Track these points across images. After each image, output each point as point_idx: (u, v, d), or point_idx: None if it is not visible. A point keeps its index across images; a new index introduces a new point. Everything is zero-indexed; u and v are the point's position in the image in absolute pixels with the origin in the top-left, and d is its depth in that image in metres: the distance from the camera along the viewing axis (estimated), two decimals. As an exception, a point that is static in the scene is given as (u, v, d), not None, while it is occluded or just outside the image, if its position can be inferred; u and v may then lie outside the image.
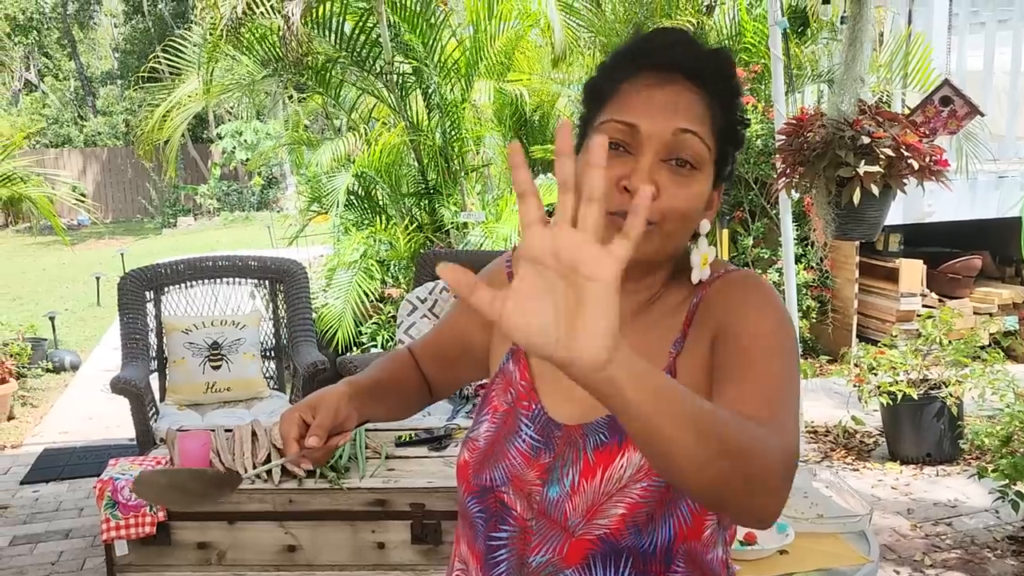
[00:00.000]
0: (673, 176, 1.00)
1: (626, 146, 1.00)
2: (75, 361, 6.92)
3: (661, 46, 1.02)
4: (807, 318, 5.84)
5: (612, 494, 1.02)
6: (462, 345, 1.25)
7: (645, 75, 1.01)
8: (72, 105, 24.69)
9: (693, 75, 1.01)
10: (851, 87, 3.51)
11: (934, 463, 4.22)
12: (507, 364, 1.15)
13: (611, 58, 1.07)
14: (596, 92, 1.06)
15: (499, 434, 1.12)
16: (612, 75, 1.04)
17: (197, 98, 6.31)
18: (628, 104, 1.01)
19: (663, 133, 0.99)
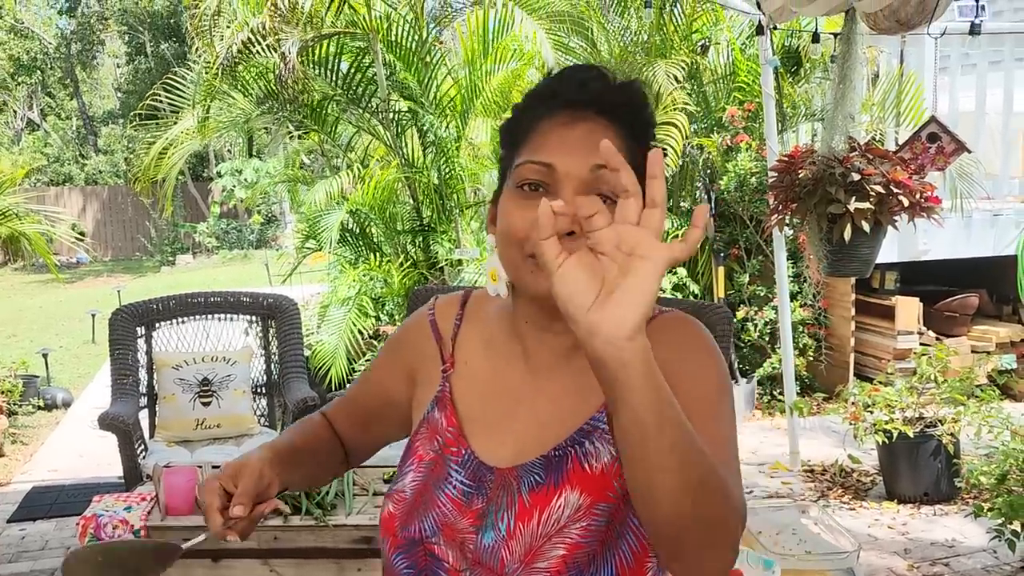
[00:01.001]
0: None
1: (544, 186, 1.00)
2: (67, 398, 6.88)
3: (573, 84, 1.03)
4: (803, 356, 5.81)
5: (551, 536, 0.99)
6: (383, 401, 1.22)
7: (559, 114, 1.01)
8: (74, 144, 24.84)
9: (607, 110, 1.02)
10: (841, 125, 3.53)
11: (931, 502, 4.17)
12: (432, 413, 1.12)
13: (525, 99, 1.07)
14: (511, 134, 1.07)
15: (426, 483, 1.09)
16: (526, 116, 1.04)
17: (194, 136, 6.34)
18: (543, 144, 1.01)
19: (580, 171, 0.99)
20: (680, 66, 6.13)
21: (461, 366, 1.14)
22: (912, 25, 3.15)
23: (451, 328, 1.17)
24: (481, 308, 1.18)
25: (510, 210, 1.01)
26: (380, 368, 1.25)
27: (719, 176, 5.95)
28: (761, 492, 4.44)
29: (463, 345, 1.16)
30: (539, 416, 1.07)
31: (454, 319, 1.18)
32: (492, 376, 1.12)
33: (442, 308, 1.20)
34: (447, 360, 1.15)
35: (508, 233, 1.01)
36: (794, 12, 4.05)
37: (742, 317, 5.84)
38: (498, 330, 1.13)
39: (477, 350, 1.15)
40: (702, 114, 6.37)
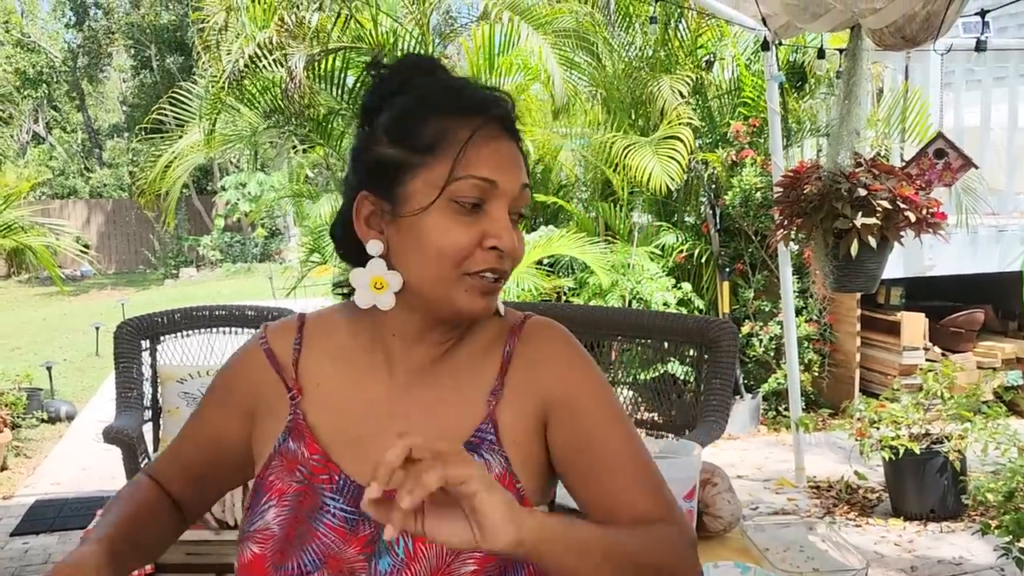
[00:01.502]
0: (515, 229, 1.02)
1: (480, 203, 0.98)
2: (70, 411, 6.87)
3: (489, 98, 1.02)
4: (808, 371, 5.80)
5: (458, 552, 0.97)
6: (217, 448, 1.14)
7: (488, 127, 0.99)
8: (79, 157, 24.93)
9: (512, 129, 1.03)
10: (847, 140, 3.53)
11: (938, 519, 4.14)
12: (285, 444, 1.06)
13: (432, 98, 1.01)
14: (422, 136, 0.99)
15: (296, 516, 1.02)
16: (445, 122, 0.99)
17: (199, 149, 6.36)
18: (481, 159, 0.98)
19: (514, 188, 1.00)
20: (685, 81, 6.15)
21: (311, 390, 1.08)
22: (918, 42, 3.15)
23: (290, 353, 1.10)
24: (321, 328, 1.12)
25: (448, 227, 0.97)
26: (209, 415, 1.15)
27: (724, 191, 5.95)
28: (767, 508, 4.41)
29: (308, 368, 1.09)
30: (415, 430, 1.00)
31: (292, 344, 1.11)
32: (352, 394, 1.07)
33: (275, 335, 1.13)
34: (292, 387, 1.08)
35: (446, 252, 0.97)
36: (799, 28, 4.07)
37: (747, 332, 5.83)
38: (351, 346, 1.09)
39: (327, 370, 1.09)
40: (707, 129, 6.38)
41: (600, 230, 6.62)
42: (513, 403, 1.06)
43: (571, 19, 6.11)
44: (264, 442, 1.09)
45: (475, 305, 0.99)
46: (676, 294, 5.93)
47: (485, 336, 1.10)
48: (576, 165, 7.26)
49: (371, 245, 1.02)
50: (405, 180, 0.99)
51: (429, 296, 1.01)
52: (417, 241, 0.99)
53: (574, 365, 1.08)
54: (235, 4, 5.87)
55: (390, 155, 1.00)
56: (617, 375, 3.87)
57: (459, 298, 0.99)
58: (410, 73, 1.03)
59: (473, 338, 1.09)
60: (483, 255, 0.98)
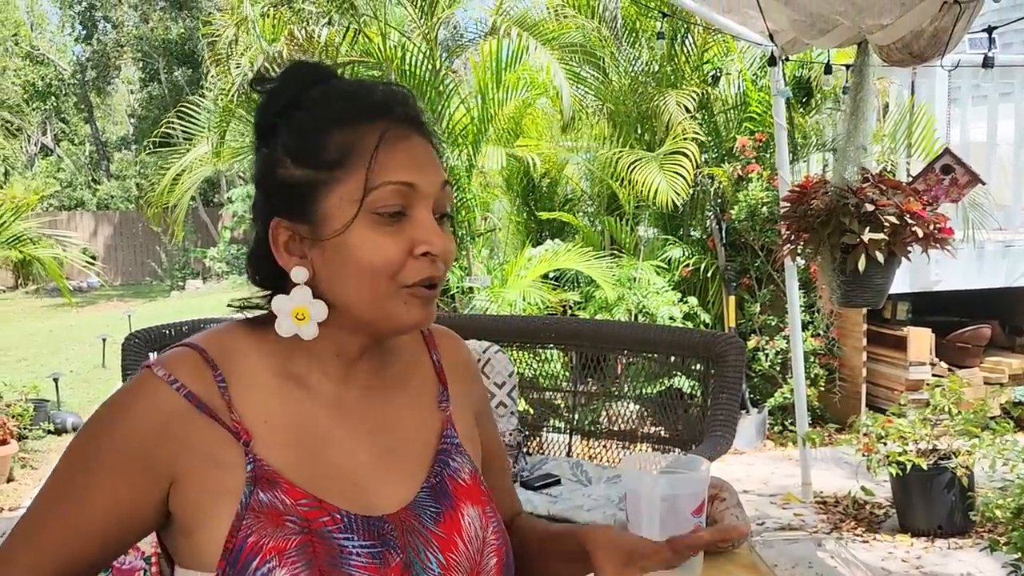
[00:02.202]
0: (443, 230, 0.98)
1: (403, 209, 0.93)
2: (77, 423, 6.88)
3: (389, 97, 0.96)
4: (815, 386, 5.79)
5: (481, 550, 1.01)
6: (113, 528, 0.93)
7: (396, 128, 0.94)
8: (86, 169, 25.05)
9: (421, 123, 0.98)
10: (854, 156, 3.54)
11: (946, 535, 4.13)
12: (255, 497, 0.91)
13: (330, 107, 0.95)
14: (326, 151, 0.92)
15: (320, 569, 0.91)
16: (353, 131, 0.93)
17: (208, 162, 6.39)
18: (395, 162, 0.93)
19: (435, 188, 0.96)
20: (691, 96, 6.17)
21: (260, 430, 0.94)
22: (925, 58, 3.16)
23: (217, 393, 0.94)
24: (236, 358, 0.97)
25: (376, 243, 0.92)
26: (99, 487, 0.92)
27: (730, 205, 5.96)
28: (773, 523, 4.40)
29: (246, 406, 0.95)
30: (388, 448, 1.01)
31: (215, 382, 0.95)
32: (307, 425, 0.97)
33: (187, 374, 0.94)
34: (240, 431, 0.93)
35: (378, 268, 0.92)
36: (806, 44, 4.08)
37: (753, 347, 5.83)
38: (285, 373, 0.98)
39: (268, 404, 0.96)
40: (713, 144, 6.40)
41: (606, 244, 6.63)
42: (458, 407, 1.10)
43: (578, 34, 6.14)
44: (213, 503, 0.91)
45: (417, 317, 0.96)
46: (682, 308, 5.93)
47: (406, 346, 1.10)
48: (582, 179, 7.28)
49: (295, 272, 0.94)
50: (319, 200, 0.93)
51: (367, 316, 0.95)
52: (344, 262, 0.93)
53: (479, 375, 1.19)
54: (245, 18, 5.91)
55: (297, 176, 0.94)
56: (623, 389, 3.87)
57: (399, 313, 0.95)
58: (302, 84, 0.97)
59: (399, 348, 1.08)
60: (416, 264, 0.94)
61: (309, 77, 0.98)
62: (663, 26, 5.08)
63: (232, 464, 0.93)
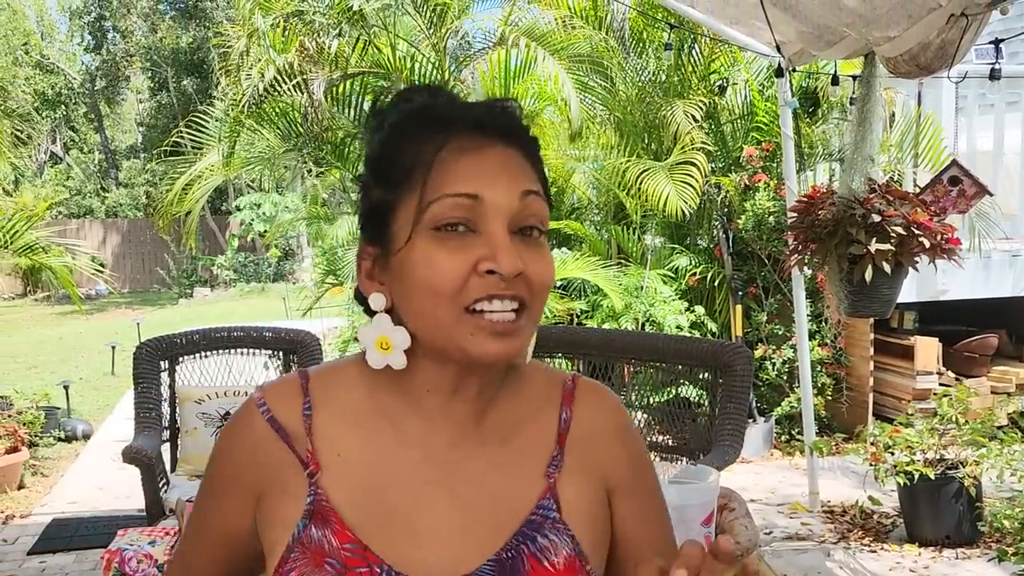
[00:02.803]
0: (527, 248, 0.86)
1: (468, 224, 0.84)
2: (87, 430, 6.92)
3: (460, 108, 0.89)
4: (822, 395, 5.79)
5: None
6: (233, 545, 0.96)
7: (460, 139, 0.86)
8: (95, 177, 25.18)
9: (505, 132, 0.88)
10: (861, 166, 3.56)
11: (953, 545, 4.13)
12: (306, 531, 0.87)
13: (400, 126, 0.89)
14: (396, 169, 0.87)
15: None
16: (414, 146, 0.87)
17: (218, 171, 6.43)
18: (456, 174, 0.85)
19: (510, 200, 0.85)
20: (698, 106, 6.20)
21: (332, 462, 0.90)
22: (932, 70, 3.19)
23: (300, 420, 0.92)
24: (333, 387, 0.94)
25: (434, 259, 0.83)
26: (214, 509, 0.96)
27: (737, 215, 5.98)
28: (780, 533, 4.41)
29: (325, 436, 0.91)
30: (466, 506, 0.90)
31: (301, 408, 0.93)
32: (381, 463, 0.90)
33: (277, 399, 0.94)
34: (310, 461, 0.90)
35: (436, 287, 0.83)
36: (813, 56, 4.11)
37: (760, 356, 5.84)
38: (374, 407, 0.92)
39: (348, 437, 0.91)
40: (720, 153, 6.42)
41: (613, 253, 6.65)
42: (575, 476, 0.93)
43: (586, 45, 6.17)
44: (275, 529, 0.90)
45: (489, 349, 0.84)
46: (689, 317, 5.95)
47: (532, 393, 0.97)
48: (589, 188, 7.31)
49: (373, 299, 0.90)
50: (390, 220, 0.88)
51: (438, 345, 0.86)
52: (406, 282, 0.86)
53: (633, 442, 0.99)
54: (256, 29, 5.96)
55: (375, 197, 0.90)
56: (630, 398, 3.89)
57: (467, 343, 0.84)
58: (394, 103, 0.92)
59: (518, 393, 0.96)
60: (479, 283, 0.83)
61: (401, 96, 0.92)
62: (670, 37, 5.11)
63: (296, 494, 0.90)
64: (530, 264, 0.85)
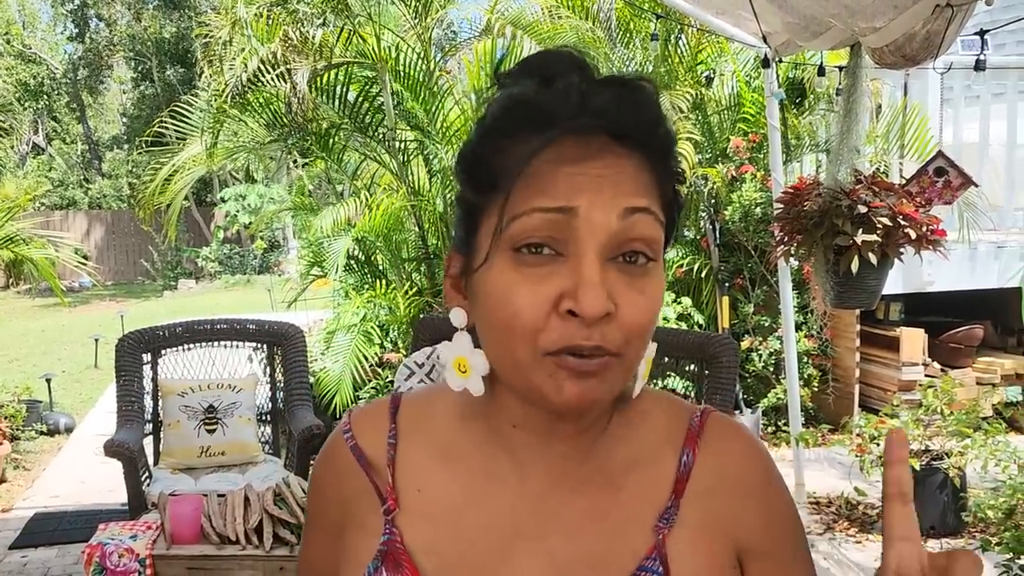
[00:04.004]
0: (627, 279, 0.71)
1: (553, 245, 0.70)
2: (69, 424, 6.87)
3: (570, 99, 0.70)
4: (808, 387, 5.80)
5: None
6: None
7: (564, 144, 0.70)
8: (78, 168, 24.99)
9: (625, 132, 0.71)
10: (847, 157, 3.55)
11: (938, 535, 4.14)
12: (377, 574, 0.79)
13: (495, 122, 0.74)
14: (484, 171, 0.73)
15: None
16: (508, 147, 0.71)
17: (201, 162, 6.38)
18: (551, 183, 0.69)
19: (607, 218, 0.69)
20: (685, 97, 6.18)
21: (411, 499, 0.81)
22: (918, 60, 3.18)
23: (383, 450, 0.83)
24: (423, 414, 0.85)
25: (510, 287, 0.70)
26: (312, 545, 0.90)
27: (723, 206, 5.98)
28: (767, 524, 4.41)
29: (407, 469, 0.82)
30: (558, 562, 0.77)
31: (386, 437, 0.84)
32: (466, 505, 0.80)
33: (362, 426, 0.86)
34: (387, 496, 0.81)
35: (510, 322, 0.70)
36: (800, 46, 4.09)
37: (746, 347, 5.85)
38: (462, 439, 0.82)
39: (432, 471, 0.82)
40: (707, 145, 6.41)
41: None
42: (691, 534, 0.78)
43: (572, 35, 6.14)
44: (348, 565, 0.83)
45: (568, 394, 0.70)
46: (676, 309, 5.95)
47: (649, 430, 0.83)
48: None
49: (453, 314, 0.79)
50: (475, 228, 0.75)
51: (514, 384, 0.74)
52: (482, 309, 0.74)
53: (776, 497, 0.84)
54: (240, 19, 5.90)
55: (465, 198, 0.76)
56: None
57: (545, 386, 0.71)
58: (502, 84, 0.76)
59: (633, 430, 0.82)
60: (561, 327, 0.69)
61: (512, 75, 0.76)
62: (657, 27, 5.09)
63: (371, 531, 0.81)
64: (624, 302, 0.70)
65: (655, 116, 0.73)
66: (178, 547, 2.88)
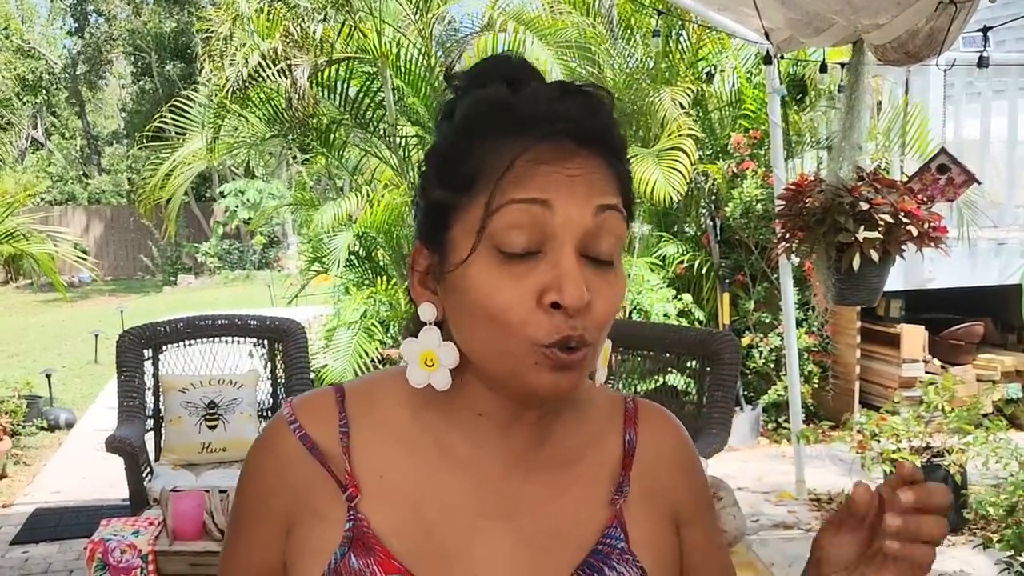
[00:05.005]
0: (596, 272, 0.76)
1: (533, 242, 0.74)
2: (70, 419, 6.87)
3: (540, 104, 0.75)
4: (808, 383, 5.81)
5: None
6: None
7: (540, 149, 0.74)
8: (77, 163, 24.96)
9: (591, 136, 0.76)
10: (849, 154, 3.55)
11: (939, 533, 4.14)
12: (344, 561, 0.79)
13: (472, 121, 0.77)
14: (461, 171, 0.76)
15: None
16: (485, 150, 0.75)
17: (201, 157, 6.37)
18: (529, 180, 0.74)
19: (583, 215, 0.74)
20: (686, 93, 6.17)
21: (373, 485, 0.82)
22: (921, 57, 3.17)
23: (336, 437, 0.83)
24: (373, 403, 0.86)
25: (495, 285, 0.74)
26: (253, 541, 0.86)
27: (724, 202, 5.97)
28: (768, 520, 4.42)
29: (365, 456, 0.83)
30: (524, 537, 0.82)
31: (337, 425, 0.84)
32: (429, 487, 0.82)
33: (309, 415, 0.85)
34: (348, 483, 0.82)
35: (496, 316, 0.74)
36: (802, 43, 4.09)
37: (747, 344, 5.85)
38: (421, 427, 0.84)
39: (391, 458, 0.83)
40: (707, 141, 6.40)
41: (600, 240, 6.62)
42: (642, 503, 0.86)
43: (574, 31, 6.13)
44: (306, 558, 0.82)
45: (549, 383, 0.75)
46: (676, 305, 5.95)
47: (594, 415, 0.89)
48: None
49: (423, 309, 0.81)
50: (449, 226, 0.78)
51: (494, 371, 0.78)
52: (463, 304, 0.77)
53: (700, 473, 0.94)
54: (240, 14, 5.90)
55: (435, 197, 0.79)
56: (617, 386, 3.88)
57: (529, 375, 0.75)
58: (467, 86, 0.80)
59: (581, 415, 0.88)
60: (547, 320, 0.73)
61: (477, 76, 0.80)
62: (658, 23, 5.08)
63: (333, 519, 0.82)
64: (596, 295, 0.75)
65: (613, 122, 0.79)
66: (180, 543, 2.88)
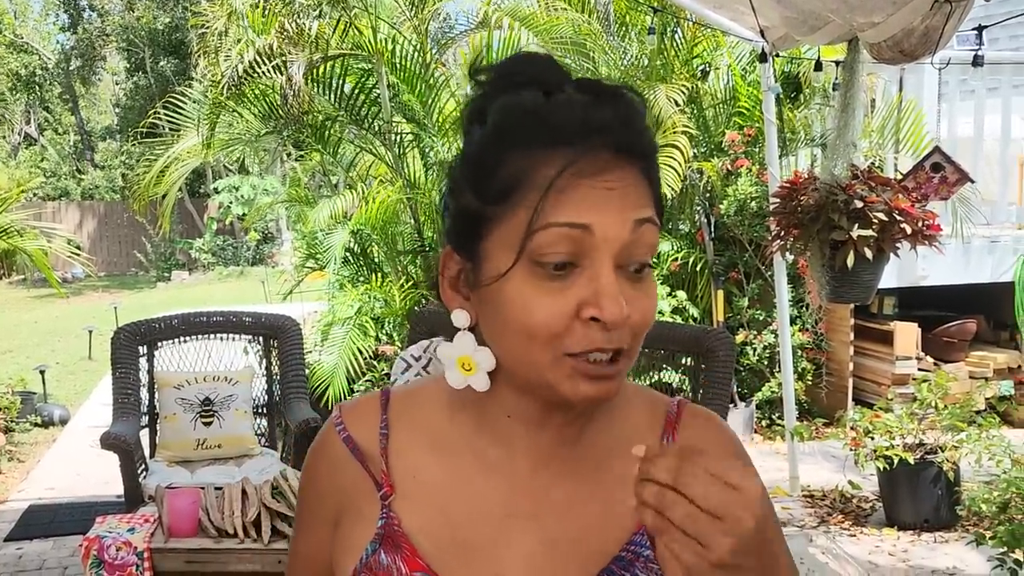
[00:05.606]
0: (633, 283, 0.76)
1: (572, 258, 0.74)
2: (64, 415, 6.85)
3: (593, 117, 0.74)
4: (802, 380, 5.82)
5: None
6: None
7: (584, 160, 0.73)
8: (70, 159, 24.87)
9: (627, 147, 0.75)
10: (844, 152, 3.56)
11: (932, 529, 4.17)
12: (375, 556, 0.83)
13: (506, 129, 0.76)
14: (496, 181, 0.75)
15: None
16: (528, 160, 0.74)
17: (195, 153, 6.36)
18: (570, 200, 0.73)
19: (620, 232, 0.74)
20: (680, 90, 6.17)
21: (407, 484, 0.85)
22: (916, 56, 3.18)
23: (376, 439, 0.87)
24: (413, 406, 0.89)
25: (532, 300, 0.74)
26: (310, 538, 0.92)
27: (719, 200, 5.98)
28: (761, 517, 4.43)
29: (401, 457, 0.86)
30: (549, 538, 0.83)
31: (378, 427, 0.88)
32: (460, 489, 0.84)
33: (354, 418, 0.89)
34: (383, 483, 0.85)
35: (533, 330, 0.74)
36: (797, 41, 4.10)
37: (741, 341, 5.86)
38: (455, 430, 0.86)
39: (426, 460, 0.86)
40: (702, 138, 6.41)
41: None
42: None
43: (569, 27, 6.14)
44: (346, 556, 0.86)
45: (584, 392, 0.76)
46: (671, 302, 5.95)
47: (631, 417, 0.88)
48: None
49: (455, 316, 0.82)
50: (483, 236, 0.77)
51: (528, 380, 0.79)
52: (498, 316, 0.77)
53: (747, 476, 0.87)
54: (235, 10, 5.88)
55: (467, 203, 0.78)
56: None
57: (562, 385, 0.76)
58: (500, 87, 0.78)
59: (616, 417, 0.87)
60: (584, 332, 0.74)
61: (510, 77, 0.79)
62: (653, 21, 5.08)
63: (368, 517, 0.85)
64: (634, 306, 0.75)
65: (645, 128, 0.78)
66: (176, 540, 2.88)
